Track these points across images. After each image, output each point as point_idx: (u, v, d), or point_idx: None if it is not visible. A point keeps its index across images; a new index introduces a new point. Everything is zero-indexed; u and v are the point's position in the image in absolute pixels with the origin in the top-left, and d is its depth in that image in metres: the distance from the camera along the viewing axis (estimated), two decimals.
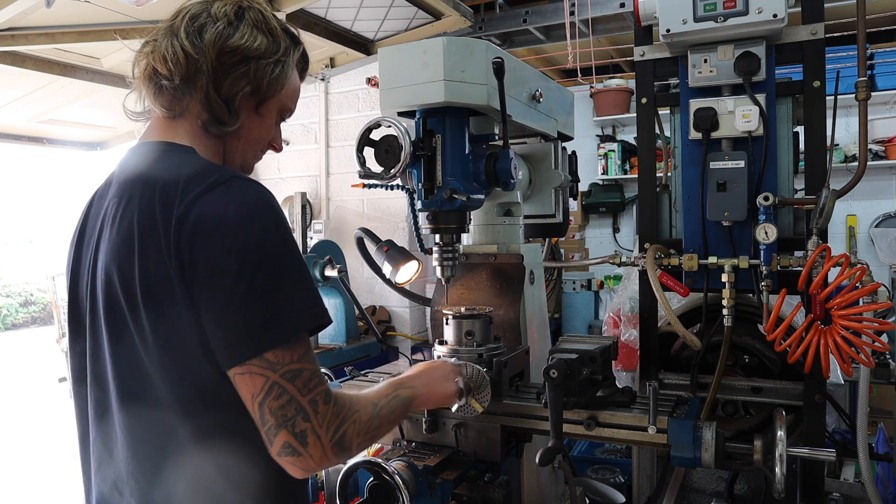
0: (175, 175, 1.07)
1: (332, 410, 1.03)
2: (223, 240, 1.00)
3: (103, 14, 2.57)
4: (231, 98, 1.15)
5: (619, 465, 2.56)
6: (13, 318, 14.28)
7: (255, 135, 1.24)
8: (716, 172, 1.75)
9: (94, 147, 4.30)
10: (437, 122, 1.61)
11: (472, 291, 1.91)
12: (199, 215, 1.01)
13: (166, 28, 1.15)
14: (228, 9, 1.15)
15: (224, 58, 1.12)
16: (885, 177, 5.09)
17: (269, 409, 1.00)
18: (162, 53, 1.12)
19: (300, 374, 1.01)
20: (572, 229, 5.67)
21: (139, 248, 1.04)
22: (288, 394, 1.00)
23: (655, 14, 1.79)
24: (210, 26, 1.12)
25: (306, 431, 1.00)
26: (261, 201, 1.06)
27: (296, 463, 1.01)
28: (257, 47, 1.15)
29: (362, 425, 1.09)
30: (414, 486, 1.44)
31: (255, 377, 1.00)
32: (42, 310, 14.36)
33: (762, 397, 1.85)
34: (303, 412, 1.00)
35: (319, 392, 1.03)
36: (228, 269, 0.99)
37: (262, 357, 1.00)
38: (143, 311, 1.05)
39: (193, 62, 1.11)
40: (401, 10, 3.20)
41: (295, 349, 1.02)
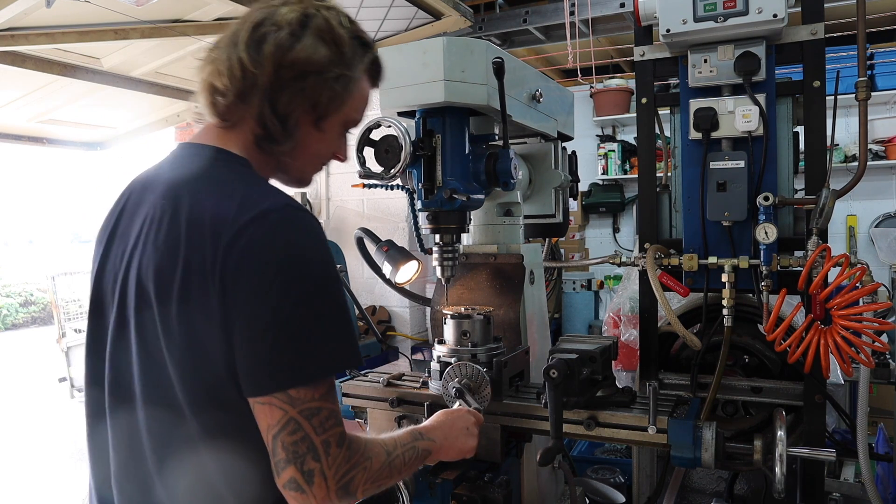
0: (229, 193, 1.04)
1: (343, 454, 1.02)
2: (268, 270, 0.99)
3: (103, 14, 2.56)
4: (286, 115, 1.09)
5: (619, 465, 2.56)
6: (13, 318, 14.27)
7: (313, 150, 1.19)
8: (716, 172, 1.75)
9: (94, 147, 4.30)
10: (437, 122, 1.61)
11: (472, 291, 1.91)
12: (248, 244, 0.99)
13: (230, 35, 1.10)
14: (293, 16, 1.08)
15: (282, 72, 1.06)
16: (885, 177, 5.09)
17: (281, 442, 0.99)
18: (218, 68, 1.08)
19: (318, 412, 1.01)
20: (572, 229, 5.67)
21: (183, 263, 1.02)
22: (303, 430, 0.99)
23: (655, 14, 1.79)
24: (271, 36, 1.06)
25: (314, 471, 0.99)
26: (311, 237, 1.04)
27: (298, 499, 1.01)
28: (318, 60, 1.07)
29: (372, 473, 1.07)
30: (414, 486, 1.44)
31: (275, 409, 0.99)
32: (42, 310, 14.35)
33: (762, 397, 1.85)
34: (314, 451, 0.99)
35: (334, 433, 1.02)
36: (270, 300, 0.98)
37: (285, 392, 0.99)
38: (176, 324, 1.03)
39: (250, 76, 1.06)
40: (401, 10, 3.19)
41: (318, 388, 1.01)
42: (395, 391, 1.72)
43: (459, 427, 1.38)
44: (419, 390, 1.70)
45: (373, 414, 1.76)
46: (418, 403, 1.66)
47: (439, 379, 1.60)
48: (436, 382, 1.64)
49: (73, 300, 6.53)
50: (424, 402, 1.64)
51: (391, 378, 1.77)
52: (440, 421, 1.37)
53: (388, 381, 1.75)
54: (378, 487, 1.10)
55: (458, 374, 1.55)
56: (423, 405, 1.63)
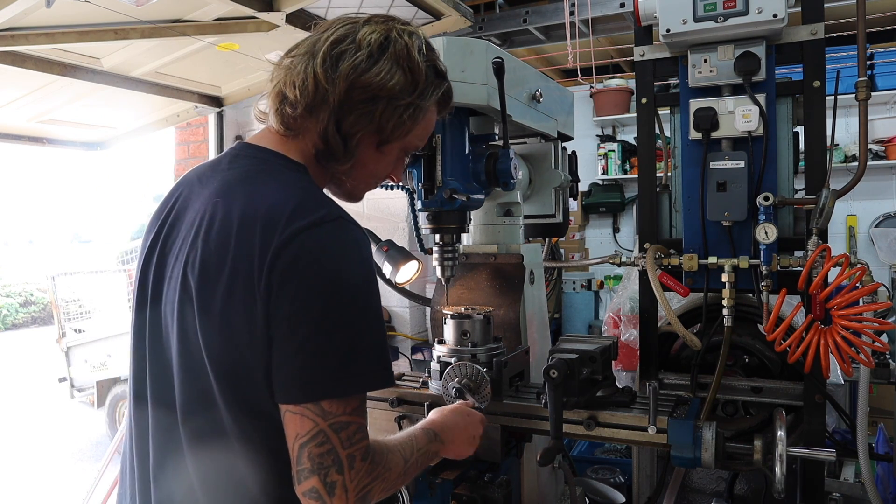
0: (283, 199, 1.03)
1: (366, 468, 1.03)
2: (316, 281, 0.99)
3: (103, 14, 2.56)
4: (350, 135, 1.10)
5: (619, 465, 2.56)
6: (13, 318, 14.28)
7: (370, 170, 1.20)
8: (716, 172, 1.75)
9: (94, 147, 4.29)
10: (437, 122, 1.60)
11: (472, 291, 1.91)
12: (299, 251, 0.99)
13: (308, 45, 1.10)
14: (374, 37, 1.08)
15: (353, 93, 1.07)
16: (885, 177, 5.09)
17: (308, 453, 1.00)
18: (293, 79, 1.08)
19: (347, 426, 1.01)
20: (572, 229, 5.67)
21: (231, 262, 1.02)
22: (330, 443, 1.00)
23: (655, 14, 1.79)
24: (349, 55, 1.06)
25: (336, 483, 1.00)
26: (359, 252, 1.04)
27: None
28: (392, 86, 1.08)
29: (389, 483, 1.09)
30: (414, 486, 1.44)
31: (306, 420, 1.00)
32: (42, 310, 14.36)
33: (762, 397, 1.85)
34: (339, 464, 1.00)
35: (360, 448, 1.02)
36: (313, 311, 0.99)
37: (317, 404, 1.00)
38: (217, 322, 1.03)
39: (321, 92, 1.06)
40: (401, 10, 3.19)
41: (349, 402, 1.02)
42: (395, 391, 1.72)
43: (469, 434, 1.39)
44: (419, 390, 1.70)
45: (373, 414, 1.76)
46: (418, 403, 1.66)
47: (439, 379, 1.60)
48: (436, 382, 1.64)
49: (73, 300, 6.54)
50: (424, 402, 1.63)
51: None
52: (455, 423, 1.37)
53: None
54: (389, 493, 1.12)
55: (458, 374, 1.55)
56: (423, 405, 1.63)
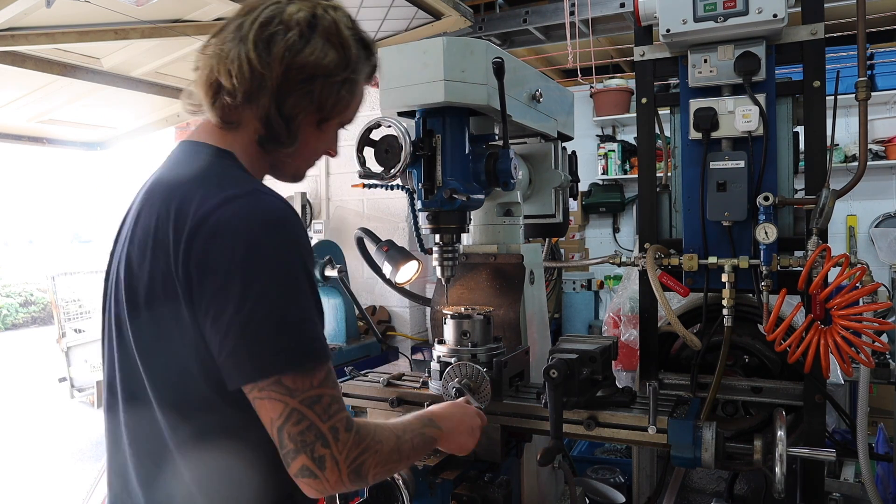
0: (194, 189, 1.03)
1: (353, 438, 1.02)
2: (234, 255, 0.96)
3: (103, 14, 2.56)
4: (292, 117, 1.09)
5: (619, 465, 2.56)
6: (13, 318, 14.27)
7: (312, 148, 1.19)
8: (716, 172, 1.75)
9: (94, 147, 4.29)
10: (437, 122, 1.61)
11: (472, 291, 1.91)
12: (212, 231, 0.97)
13: (234, 30, 1.07)
14: (301, 16, 1.06)
15: (291, 74, 1.05)
16: (885, 177, 5.09)
17: (288, 434, 0.98)
18: (227, 67, 1.05)
19: (320, 399, 0.99)
20: (572, 229, 5.67)
21: (151, 252, 1.02)
22: (308, 419, 0.98)
23: (655, 14, 1.79)
24: (280, 37, 1.04)
25: (325, 457, 0.99)
26: (278, 218, 1.01)
27: (312, 485, 1.01)
28: (327, 64, 1.07)
29: (383, 456, 1.07)
30: (414, 486, 1.44)
31: (275, 402, 0.98)
32: (42, 310, 14.35)
33: (762, 397, 1.85)
34: (322, 438, 0.99)
35: (340, 419, 1.01)
36: (240, 288, 0.96)
37: (279, 383, 0.97)
38: (143, 315, 1.05)
39: (259, 77, 1.04)
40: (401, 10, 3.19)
41: (314, 375, 0.99)
42: (395, 391, 1.72)
43: (467, 425, 1.38)
44: (419, 390, 1.70)
45: (373, 414, 1.76)
46: (418, 403, 1.66)
47: (439, 379, 1.60)
48: (436, 382, 1.64)
49: (73, 300, 6.54)
50: (424, 402, 1.63)
51: (391, 378, 1.77)
52: (451, 413, 1.37)
53: (388, 381, 1.75)
54: (388, 472, 1.11)
55: (458, 374, 1.55)
56: (423, 405, 1.63)
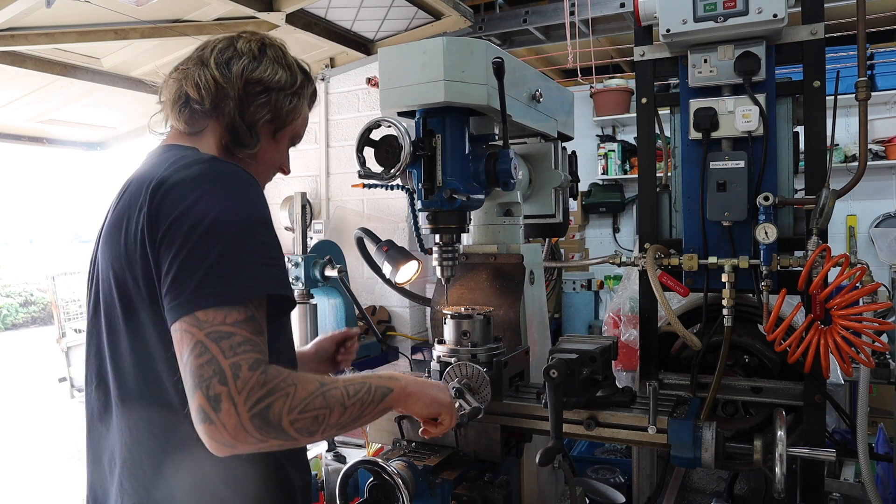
0: (162, 165, 1.13)
1: (256, 378, 0.95)
2: (187, 200, 1.04)
3: (103, 14, 2.56)
4: (253, 123, 1.25)
5: (619, 465, 2.56)
6: (13, 318, 14.27)
7: (269, 158, 1.33)
8: (716, 172, 1.75)
9: (94, 147, 4.30)
10: (437, 122, 1.61)
11: (472, 291, 1.91)
12: (171, 184, 1.06)
13: (195, 58, 1.24)
14: (252, 45, 1.26)
15: (249, 87, 1.23)
16: (885, 177, 5.09)
17: (189, 367, 0.95)
18: (195, 80, 1.21)
19: (229, 337, 0.96)
20: (572, 229, 5.67)
21: (124, 234, 1.10)
22: (209, 353, 0.94)
23: (655, 14, 1.79)
24: (237, 60, 1.23)
25: (221, 396, 0.92)
26: (234, 176, 1.11)
27: (208, 432, 0.93)
28: (278, 80, 1.26)
29: (297, 401, 0.98)
30: (414, 486, 1.44)
31: (184, 335, 0.97)
32: (42, 310, 14.35)
33: (762, 397, 1.85)
34: (221, 374, 0.93)
35: (246, 358, 0.95)
36: (182, 232, 1.01)
37: (193, 315, 0.97)
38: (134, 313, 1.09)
39: (222, 90, 1.21)
40: (401, 10, 3.20)
41: (230, 313, 0.98)
42: None
43: (428, 394, 1.27)
44: None
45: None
46: None
47: (439, 379, 1.60)
48: None
49: (73, 300, 6.54)
50: None
51: None
52: (414, 379, 1.28)
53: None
54: (316, 423, 1.01)
55: (458, 374, 1.55)
56: None
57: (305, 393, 1.00)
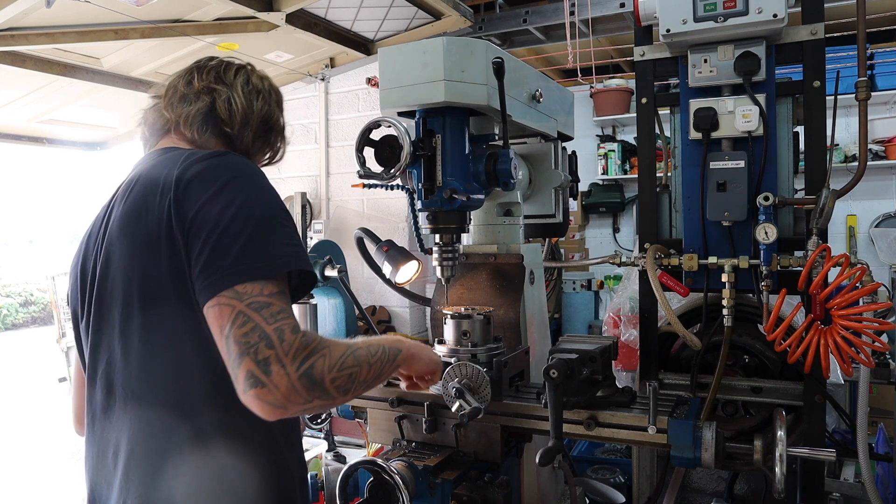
0: (174, 163, 1.14)
1: (299, 341, 1.00)
2: (212, 189, 1.07)
3: (103, 14, 2.56)
4: (254, 154, 1.37)
5: (619, 465, 2.56)
6: (13, 318, 14.26)
7: None
8: (716, 172, 1.75)
9: (94, 147, 4.30)
10: (437, 122, 1.61)
11: (472, 291, 1.91)
12: (192, 176, 1.09)
13: (214, 76, 1.31)
14: (265, 84, 1.37)
15: (263, 125, 1.35)
16: (885, 177, 5.09)
17: (233, 337, 0.99)
18: (227, 102, 1.29)
19: (268, 306, 1.01)
20: (572, 229, 5.67)
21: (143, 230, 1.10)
22: (253, 321, 0.99)
23: (655, 14, 1.79)
24: (255, 95, 1.33)
25: (270, 359, 0.97)
26: (250, 166, 1.17)
27: (261, 396, 0.96)
28: (278, 122, 1.40)
29: (333, 360, 1.04)
30: (414, 486, 1.44)
31: (223, 308, 1.01)
32: (42, 310, 14.35)
33: (762, 397, 1.85)
34: (266, 339, 0.98)
35: (287, 323, 1.01)
36: (212, 217, 1.05)
37: (232, 289, 1.01)
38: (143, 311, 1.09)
39: (246, 120, 1.31)
40: (401, 10, 3.19)
41: (266, 286, 1.03)
42: (395, 391, 1.72)
43: (427, 355, 1.40)
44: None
45: (373, 414, 1.76)
46: (418, 403, 1.66)
47: (439, 379, 1.60)
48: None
49: None
50: (424, 402, 1.63)
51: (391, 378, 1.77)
52: (413, 342, 1.39)
53: (387, 381, 1.75)
54: (350, 380, 1.07)
55: (458, 374, 1.55)
56: (423, 405, 1.63)
57: (339, 353, 1.06)
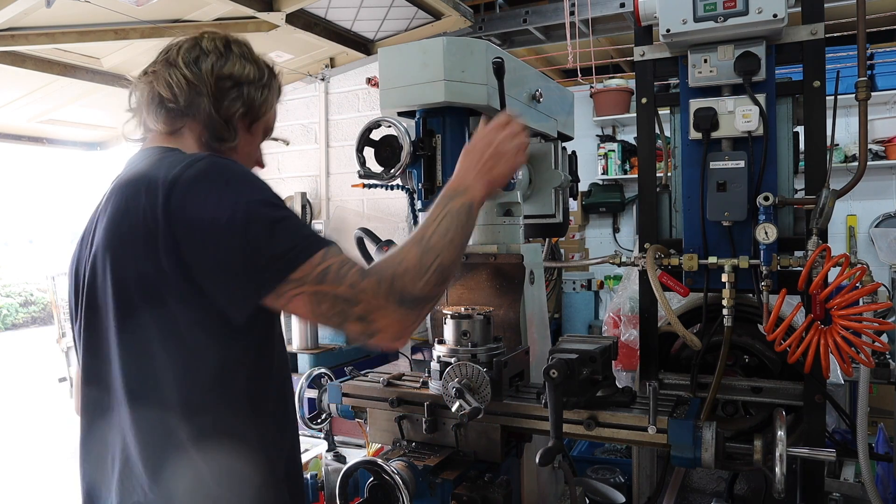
0: (157, 166, 1.14)
1: (372, 280, 1.05)
2: (212, 196, 1.06)
3: (103, 14, 2.57)
4: (229, 117, 1.27)
5: (619, 465, 2.56)
6: (13, 318, 14.27)
7: (247, 151, 1.35)
8: (716, 172, 1.75)
9: (94, 147, 4.30)
10: (437, 122, 1.61)
11: (472, 291, 1.91)
12: (186, 181, 1.07)
13: (162, 60, 1.27)
14: (217, 43, 1.27)
15: (221, 83, 1.25)
16: (885, 177, 5.09)
17: (322, 318, 1.05)
18: (165, 80, 1.23)
19: (327, 271, 1.04)
20: (572, 229, 5.67)
21: (142, 237, 1.08)
22: (327, 294, 1.04)
23: (655, 14, 1.79)
24: (204, 57, 1.25)
25: (364, 314, 1.04)
26: (238, 166, 1.15)
27: (381, 340, 1.05)
28: (247, 74, 1.28)
29: (414, 269, 1.08)
30: (414, 486, 1.44)
31: (295, 300, 1.05)
32: (42, 310, 14.35)
33: (762, 397, 1.85)
34: (348, 300, 1.04)
35: (351, 274, 1.05)
36: (221, 222, 1.04)
37: (287, 281, 1.04)
38: (136, 311, 1.09)
39: (194, 87, 1.23)
40: (401, 10, 3.20)
41: (312, 258, 1.05)
42: (395, 391, 1.72)
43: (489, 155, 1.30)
44: (419, 390, 1.70)
45: (373, 414, 1.76)
46: (418, 403, 1.66)
47: (439, 379, 1.60)
48: (436, 382, 1.64)
49: None
50: (424, 402, 1.63)
51: (391, 378, 1.77)
52: (464, 166, 1.31)
53: (388, 381, 1.75)
54: (441, 273, 1.11)
55: (458, 374, 1.55)
56: (423, 405, 1.63)
57: (415, 259, 1.10)
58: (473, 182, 1.27)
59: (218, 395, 1.08)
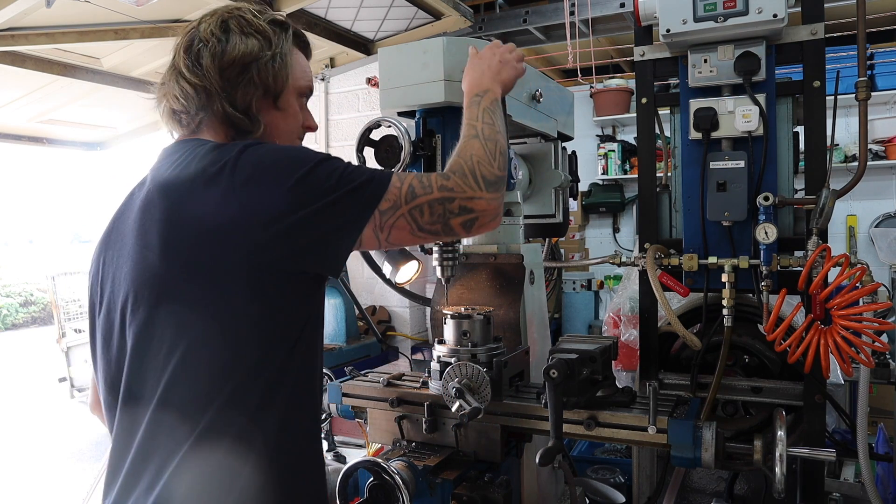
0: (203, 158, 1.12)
1: (457, 177, 1.15)
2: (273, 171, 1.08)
3: (103, 14, 2.57)
4: (247, 106, 1.21)
5: (619, 465, 2.56)
6: (13, 318, 14.27)
7: (283, 128, 1.28)
8: (716, 172, 1.75)
9: (94, 147, 4.30)
10: (437, 122, 1.61)
11: (472, 291, 1.91)
12: (251, 156, 1.09)
13: (170, 69, 1.24)
14: (213, 27, 1.21)
15: (226, 73, 1.19)
16: (885, 177, 5.09)
17: (428, 228, 1.13)
18: (174, 94, 1.21)
19: (413, 189, 1.12)
20: (572, 229, 5.67)
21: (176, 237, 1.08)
22: (422, 205, 1.12)
23: (655, 14, 1.79)
24: (204, 50, 1.19)
25: (462, 206, 1.13)
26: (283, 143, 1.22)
27: (481, 223, 1.16)
28: (251, 51, 1.20)
29: (485, 158, 1.19)
30: (414, 486, 1.44)
31: (396, 227, 1.12)
32: (42, 310, 14.36)
33: (762, 397, 1.85)
34: (443, 201, 1.12)
35: (434, 179, 1.14)
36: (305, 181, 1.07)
37: (383, 214, 1.11)
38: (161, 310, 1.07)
39: (202, 89, 1.19)
40: (401, 10, 3.20)
41: (392, 186, 1.12)
42: (395, 391, 1.72)
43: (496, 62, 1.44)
44: (419, 390, 1.70)
45: (373, 414, 1.76)
46: (418, 403, 1.66)
47: (439, 379, 1.60)
48: (436, 382, 1.64)
49: (73, 300, 6.53)
50: (424, 402, 1.63)
51: (391, 378, 1.77)
52: (475, 74, 1.41)
53: (388, 381, 1.75)
54: (501, 154, 1.24)
55: (458, 374, 1.55)
56: (423, 405, 1.63)
57: (479, 149, 1.21)
58: (490, 85, 1.38)
59: (223, 393, 1.06)
